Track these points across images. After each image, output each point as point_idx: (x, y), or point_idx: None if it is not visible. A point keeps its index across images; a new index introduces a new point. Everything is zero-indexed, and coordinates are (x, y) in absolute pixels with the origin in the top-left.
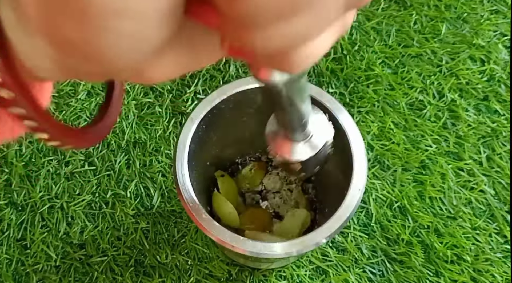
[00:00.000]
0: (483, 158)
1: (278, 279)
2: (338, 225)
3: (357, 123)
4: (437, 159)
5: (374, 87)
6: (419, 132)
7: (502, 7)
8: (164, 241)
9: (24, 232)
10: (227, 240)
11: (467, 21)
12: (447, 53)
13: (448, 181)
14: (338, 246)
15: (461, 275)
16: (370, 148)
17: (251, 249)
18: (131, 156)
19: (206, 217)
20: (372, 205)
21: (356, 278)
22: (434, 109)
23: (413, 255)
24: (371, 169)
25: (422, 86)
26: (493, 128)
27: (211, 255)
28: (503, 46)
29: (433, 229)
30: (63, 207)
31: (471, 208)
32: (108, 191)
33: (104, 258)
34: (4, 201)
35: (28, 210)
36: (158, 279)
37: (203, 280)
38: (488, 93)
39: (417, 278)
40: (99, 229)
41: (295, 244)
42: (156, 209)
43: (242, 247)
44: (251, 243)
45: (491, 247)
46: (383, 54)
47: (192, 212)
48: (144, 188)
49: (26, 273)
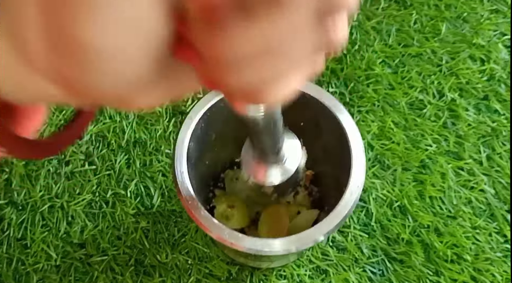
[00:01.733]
0: (483, 157)
1: (278, 278)
2: (336, 222)
3: (357, 123)
4: (437, 158)
5: (374, 86)
6: (419, 132)
7: (502, 7)
8: (164, 241)
9: (24, 232)
10: (226, 237)
11: (467, 21)
12: (447, 52)
13: (448, 180)
14: (338, 246)
15: (461, 275)
16: (370, 147)
17: (249, 246)
18: (131, 156)
19: (205, 214)
20: (372, 205)
21: (356, 277)
22: (434, 108)
23: (413, 254)
24: (371, 168)
25: (422, 86)
26: (493, 127)
27: (211, 254)
28: (503, 46)
29: (433, 229)
30: (63, 206)
31: (471, 208)
32: (108, 191)
33: (104, 257)
34: (4, 200)
35: (28, 209)
36: (158, 278)
37: (203, 280)
38: (488, 92)
39: (417, 278)
40: (99, 229)
41: (294, 241)
42: (156, 209)
43: (241, 244)
44: (250, 240)
45: (491, 246)
46: (383, 53)
47: (191, 210)
48: (144, 188)
49: (26, 273)
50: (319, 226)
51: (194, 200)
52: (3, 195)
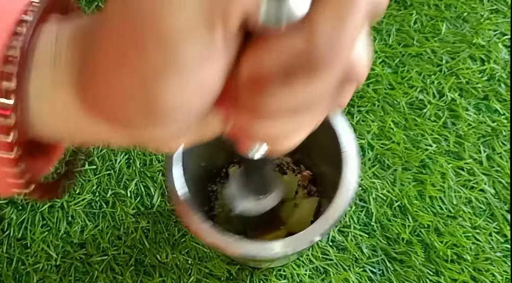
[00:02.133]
0: (483, 157)
1: (278, 278)
2: (331, 222)
3: (357, 123)
4: (437, 158)
5: (374, 86)
6: (419, 132)
7: (502, 7)
8: (164, 240)
9: (24, 231)
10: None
11: (467, 21)
12: (447, 52)
13: (448, 180)
14: (338, 245)
15: (461, 274)
16: (370, 147)
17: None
18: (131, 156)
19: (198, 219)
20: (372, 205)
21: (356, 277)
22: (434, 108)
23: (413, 254)
24: (371, 168)
25: (422, 86)
26: (493, 127)
27: (211, 254)
28: (503, 46)
29: (433, 228)
30: (63, 206)
31: (471, 207)
32: (109, 191)
33: (105, 257)
34: (4, 200)
35: (28, 209)
36: (159, 278)
37: (203, 279)
38: (488, 92)
39: (417, 277)
40: (100, 229)
41: (290, 243)
42: (156, 208)
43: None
44: (244, 244)
45: (491, 246)
46: (383, 53)
47: (183, 216)
48: (144, 188)
49: (26, 272)
50: (314, 227)
51: (185, 206)
52: None
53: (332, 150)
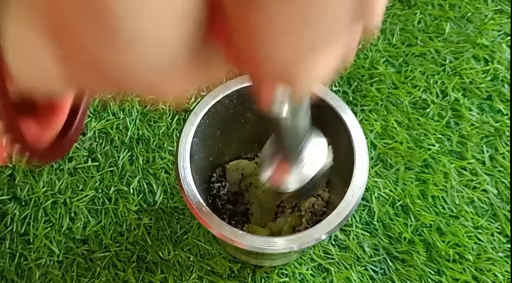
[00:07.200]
0: (486, 157)
1: (280, 276)
2: (338, 221)
3: (360, 122)
4: (440, 158)
5: (377, 85)
6: (422, 131)
7: (506, 7)
8: (167, 237)
9: (27, 227)
10: (226, 234)
11: (471, 21)
12: (450, 52)
13: (450, 180)
14: (340, 244)
15: (463, 274)
16: (373, 146)
17: (250, 243)
18: (134, 153)
19: (206, 210)
20: (374, 204)
21: (358, 276)
22: (437, 108)
23: (415, 253)
24: (374, 167)
25: (425, 85)
26: (496, 127)
27: (213, 251)
28: (507, 46)
29: (435, 228)
30: (66, 202)
31: (473, 207)
32: (111, 187)
33: (107, 253)
34: (7, 196)
35: (31, 205)
36: (160, 275)
37: (205, 277)
38: (491, 92)
39: (419, 277)
40: (102, 225)
41: (296, 240)
42: (158, 206)
43: (242, 241)
44: (251, 238)
45: (493, 246)
46: (387, 53)
47: (193, 206)
48: (147, 184)
49: (29, 268)
50: (321, 225)
51: (196, 196)
52: (6, 191)
53: (342, 150)
